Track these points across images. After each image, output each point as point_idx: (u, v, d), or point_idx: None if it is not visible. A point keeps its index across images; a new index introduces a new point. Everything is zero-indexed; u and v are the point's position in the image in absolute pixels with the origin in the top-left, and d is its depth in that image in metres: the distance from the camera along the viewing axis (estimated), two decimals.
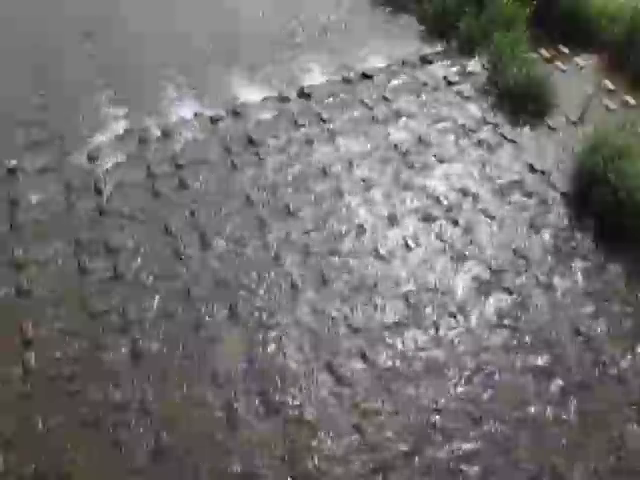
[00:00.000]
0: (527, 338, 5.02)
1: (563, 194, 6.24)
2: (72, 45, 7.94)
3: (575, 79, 7.43)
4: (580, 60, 7.78)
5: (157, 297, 5.21)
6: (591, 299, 5.33)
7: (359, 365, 4.70)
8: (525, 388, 4.74)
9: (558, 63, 7.69)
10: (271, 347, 4.62)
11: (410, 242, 5.91)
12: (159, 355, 4.81)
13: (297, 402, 4.47)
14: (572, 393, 4.71)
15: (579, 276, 5.48)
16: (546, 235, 5.84)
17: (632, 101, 7.16)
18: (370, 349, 4.86)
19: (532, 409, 4.59)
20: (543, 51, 7.87)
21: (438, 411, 4.52)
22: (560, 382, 4.77)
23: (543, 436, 4.47)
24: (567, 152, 6.57)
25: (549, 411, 4.61)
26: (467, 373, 4.80)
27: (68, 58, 7.76)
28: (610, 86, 7.39)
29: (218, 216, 6.06)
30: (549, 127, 6.93)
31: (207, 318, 5.00)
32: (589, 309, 5.27)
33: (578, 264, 5.59)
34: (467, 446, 4.36)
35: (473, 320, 5.14)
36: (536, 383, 4.78)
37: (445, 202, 6.31)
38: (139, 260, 5.55)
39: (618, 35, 7.66)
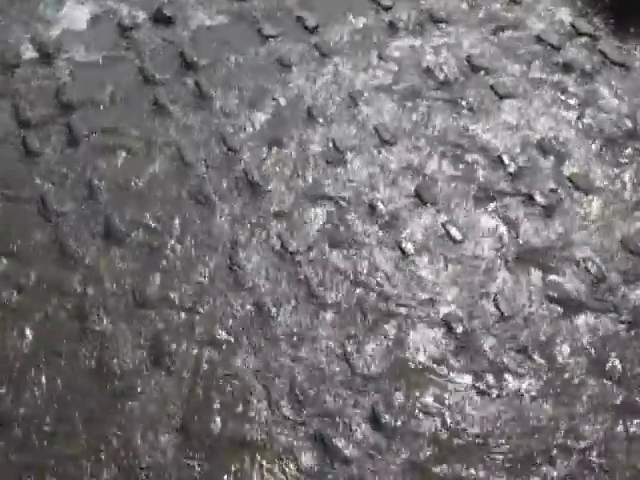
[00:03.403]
0: None
1: None
2: None
3: None
4: None
5: (30, 324, 5.04)
6: None
7: None
8: None
9: None
10: None
11: (456, 234, 5.61)
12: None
13: None
14: None
15: None
16: None
17: None
18: None
19: None
20: None
21: None
22: None
23: None
24: None
25: None
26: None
27: None
28: None
29: (129, 192, 5.78)
30: None
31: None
32: None
33: None
34: None
35: (558, 356, 5.02)
36: None
37: (512, 166, 6.00)
38: (5, 263, 5.39)
39: None
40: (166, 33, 6.89)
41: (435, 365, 5.08)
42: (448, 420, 4.84)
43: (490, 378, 5.01)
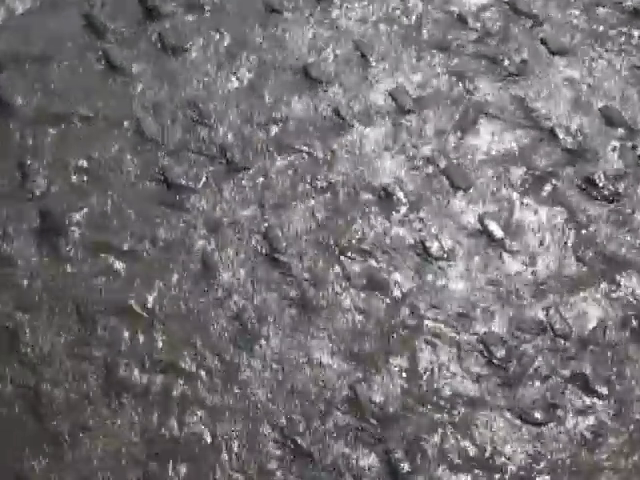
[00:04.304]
0: None
1: None
2: None
3: None
4: None
5: None
6: None
7: None
8: None
9: None
10: None
11: (495, 229, 5.66)
12: None
13: None
14: None
15: None
16: None
17: None
18: None
19: None
20: None
21: None
22: None
23: None
24: None
25: None
26: None
27: None
28: None
29: (74, 178, 5.87)
30: None
31: None
32: None
33: None
34: None
35: (628, 391, 5.04)
36: None
37: (568, 142, 6.05)
38: None
39: None
40: None
41: (468, 399, 5.12)
42: (484, 470, 4.90)
43: (539, 416, 5.01)
